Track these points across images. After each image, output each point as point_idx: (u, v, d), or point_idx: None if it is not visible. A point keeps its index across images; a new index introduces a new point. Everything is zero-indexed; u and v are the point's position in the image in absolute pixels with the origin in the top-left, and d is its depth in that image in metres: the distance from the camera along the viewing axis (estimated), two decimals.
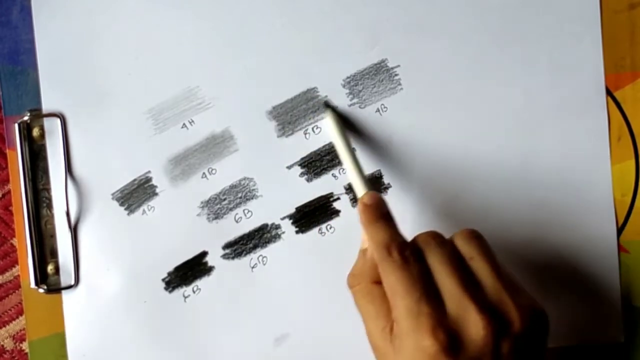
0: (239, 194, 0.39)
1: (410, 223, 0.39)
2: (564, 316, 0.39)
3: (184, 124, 0.39)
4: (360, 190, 0.36)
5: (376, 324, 0.32)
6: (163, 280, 0.39)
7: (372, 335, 0.33)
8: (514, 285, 0.33)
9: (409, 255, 0.32)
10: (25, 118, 0.38)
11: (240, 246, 0.39)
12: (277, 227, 0.39)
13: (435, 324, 0.30)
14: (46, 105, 0.39)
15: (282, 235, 0.39)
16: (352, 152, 0.37)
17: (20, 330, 0.40)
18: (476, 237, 0.34)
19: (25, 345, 0.40)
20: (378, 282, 0.33)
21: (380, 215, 0.34)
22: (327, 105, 0.39)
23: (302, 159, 0.39)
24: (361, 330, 0.33)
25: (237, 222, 0.39)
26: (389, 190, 0.39)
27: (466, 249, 0.33)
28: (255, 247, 0.39)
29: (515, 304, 0.31)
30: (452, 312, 0.31)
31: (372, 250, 0.33)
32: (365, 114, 0.39)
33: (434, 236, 0.34)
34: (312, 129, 0.39)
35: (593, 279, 0.39)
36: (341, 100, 0.39)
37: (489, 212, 0.39)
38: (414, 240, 0.34)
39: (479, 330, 0.30)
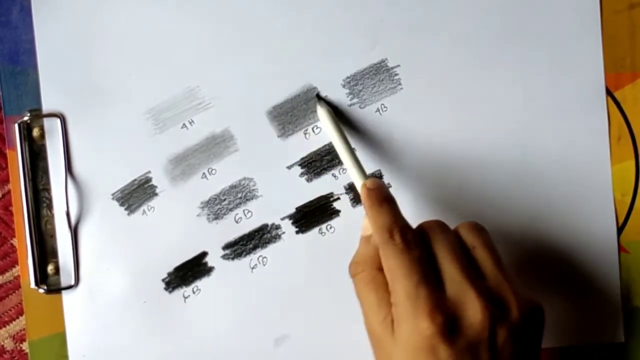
0: (239, 194, 0.39)
1: (410, 222, 0.39)
2: (564, 316, 0.39)
3: (184, 124, 0.39)
4: (359, 178, 0.36)
5: (377, 313, 0.32)
6: (163, 280, 0.39)
7: (372, 325, 0.32)
8: (513, 278, 0.33)
9: (411, 239, 0.32)
10: (25, 118, 0.38)
11: (240, 247, 0.39)
12: (277, 227, 0.39)
13: (433, 306, 0.30)
14: (46, 105, 0.39)
15: (282, 236, 0.39)
16: (347, 143, 0.37)
17: (21, 331, 0.40)
18: (479, 228, 0.34)
19: (25, 346, 0.40)
20: (382, 269, 0.33)
21: (383, 198, 0.34)
22: (319, 98, 0.39)
23: (302, 159, 0.39)
24: (361, 331, 0.33)
25: (237, 222, 0.39)
26: (389, 190, 0.39)
27: (470, 238, 0.34)
28: (255, 247, 0.39)
29: (514, 293, 0.32)
30: (451, 297, 0.31)
31: (375, 235, 0.33)
32: (365, 114, 0.39)
33: (439, 224, 0.34)
34: (312, 129, 0.39)
35: (593, 279, 0.39)
36: (341, 100, 0.39)
37: (488, 211, 0.39)
38: (419, 226, 0.34)
39: (477, 314, 0.30)
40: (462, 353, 0.30)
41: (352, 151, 0.36)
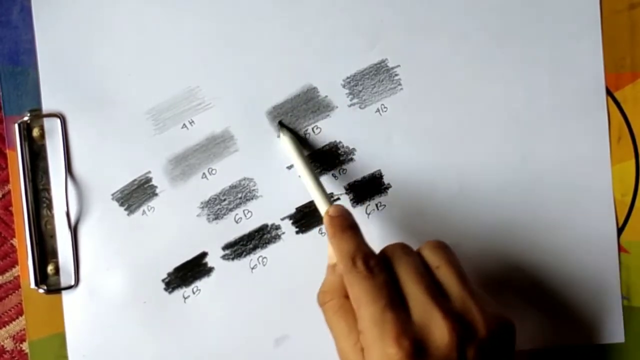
0: (239, 194, 0.39)
1: (409, 223, 0.39)
2: (564, 316, 0.39)
3: (184, 124, 0.39)
4: (323, 204, 0.35)
5: (347, 340, 0.32)
6: (163, 280, 0.39)
7: (344, 353, 0.32)
8: (479, 294, 0.33)
9: (374, 265, 0.32)
10: (25, 118, 0.38)
11: (240, 247, 0.39)
12: (277, 227, 0.39)
13: (400, 331, 0.30)
14: (46, 105, 0.39)
15: (282, 236, 0.39)
16: (311, 168, 0.37)
17: (21, 331, 0.40)
18: (443, 247, 0.34)
19: (25, 346, 0.40)
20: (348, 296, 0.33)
21: (346, 226, 0.34)
22: (282, 125, 0.39)
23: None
24: None
25: (237, 222, 0.39)
26: (389, 191, 0.39)
27: (432, 258, 0.33)
28: (255, 247, 0.39)
29: (480, 311, 0.31)
30: (417, 319, 0.31)
31: (338, 264, 0.33)
32: (365, 114, 0.39)
33: (401, 247, 0.34)
34: (312, 129, 0.39)
35: (593, 279, 0.39)
36: (341, 100, 0.39)
37: (489, 211, 0.39)
38: (382, 251, 0.34)
39: (444, 336, 0.30)
40: None
41: (316, 176, 0.36)
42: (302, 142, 0.39)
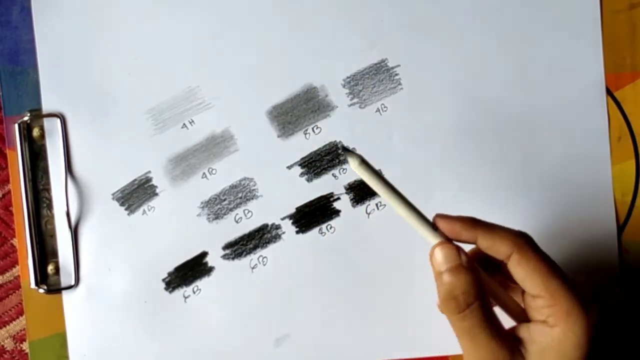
0: (239, 194, 0.39)
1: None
2: None
3: (184, 124, 0.39)
4: (433, 238, 0.31)
5: (504, 338, 0.30)
6: (163, 280, 0.39)
7: (493, 356, 0.30)
8: None
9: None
10: (25, 118, 0.38)
11: (240, 247, 0.39)
12: (277, 227, 0.39)
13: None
14: (46, 105, 0.39)
15: (282, 236, 0.39)
16: (403, 197, 0.31)
17: (21, 331, 0.40)
18: None
19: (25, 346, 0.40)
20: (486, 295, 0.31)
21: (471, 218, 0.31)
22: (346, 150, 0.31)
23: (302, 159, 0.39)
24: (361, 329, 0.33)
25: (237, 222, 0.39)
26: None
27: None
28: (255, 247, 0.39)
29: None
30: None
31: (468, 260, 0.30)
32: (365, 114, 0.39)
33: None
34: (312, 129, 0.39)
35: (593, 279, 0.39)
36: (341, 100, 0.39)
37: (489, 211, 0.39)
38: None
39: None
40: None
41: (414, 208, 0.31)
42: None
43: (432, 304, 0.32)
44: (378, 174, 0.30)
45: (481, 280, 0.30)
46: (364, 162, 0.30)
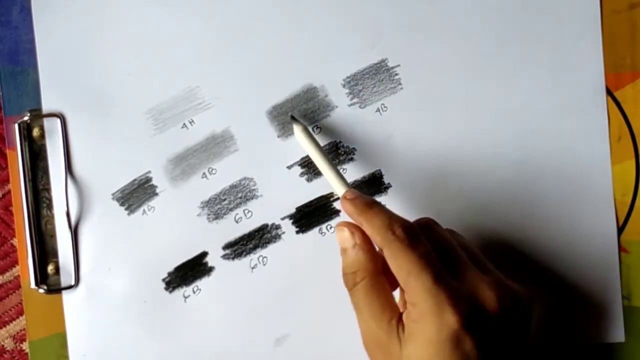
0: (239, 194, 0.39)
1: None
2: (564, 315, 0.39)
3: (184, 124, 0.39)
4: (341, 188, 0.36)
5: (382, 319, 0.32)
6: (163, 280, 0.39)
7: (375, 334, 0.32)
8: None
9: (416, 233, 0.32)
10: (25, 118, 0.38)
11: (240, 246, 0.39)
12: (277, 227, 0.39)
13: (456, 299, 0.30)
14: (46, 105, 0.39)
15: (282, 236, 0.39)
16: (327, 156, 0.37)
17: (21, 331, 0.40)
18: (456, 232, 0.36)
19: (25, 346, 0.40)
20: (381, 272, 0.33)
21: (370, 202, 0.34)
22: (293, 118, 0.38)
23: (302, 158, 0.39)
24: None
25: (237, 222, 0.39)
26: (389, 190, 0.39)
27: (456, 236, 0.35)
28: (255, 247, 0.39)
29: (512, 282, 0.33)
30: (466, 288, 0.31)
31: (362, 241, 0.33)
32: (365, 114, 0.39)
33: (432, 220, 0.35)
34: (312, 129, 0.39)
35: (593, 279, 0.39)
36: (341, 100, 0.39)
37: (489, 212, 0.39)
38: (415, 222, 0.34)
39: (493, 304, 0.31)
40: (485, 342, 0.30)
41: (332, 164, 0.36)
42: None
43: None
44: (316, 143, 0.37)
45: (378, 261, 0.33)
46: (305, 130, 0.37)
